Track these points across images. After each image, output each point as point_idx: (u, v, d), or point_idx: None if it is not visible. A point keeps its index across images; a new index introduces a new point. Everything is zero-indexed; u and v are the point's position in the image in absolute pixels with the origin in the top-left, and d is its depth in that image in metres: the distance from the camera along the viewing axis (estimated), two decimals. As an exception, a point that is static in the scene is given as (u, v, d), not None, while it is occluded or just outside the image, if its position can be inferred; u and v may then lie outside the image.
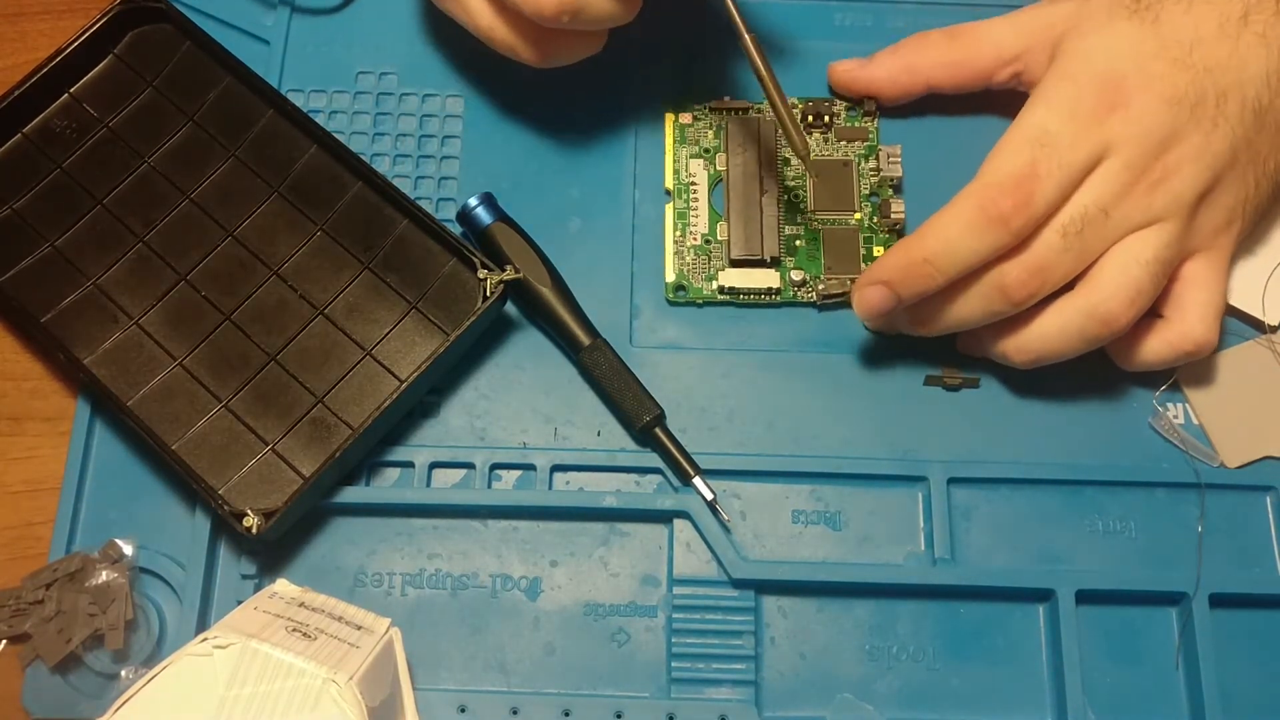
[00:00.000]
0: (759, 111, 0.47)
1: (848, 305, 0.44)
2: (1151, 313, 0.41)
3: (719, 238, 0.45)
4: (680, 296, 0.45)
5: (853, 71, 0.46)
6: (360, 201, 0.44)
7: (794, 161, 0.46)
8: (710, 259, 0.45)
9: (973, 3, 0.47)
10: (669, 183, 0.46)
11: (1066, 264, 0.39)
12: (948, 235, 0.39)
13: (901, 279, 0.40)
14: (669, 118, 0.47)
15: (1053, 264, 0.38)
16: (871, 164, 0.46)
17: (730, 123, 0.46)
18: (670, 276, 0.45)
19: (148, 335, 0.43)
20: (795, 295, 0.45)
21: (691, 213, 0.45)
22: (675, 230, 0.45)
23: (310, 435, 0.42)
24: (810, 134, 0.46)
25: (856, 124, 0.47)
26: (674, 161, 0.46)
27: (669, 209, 0.46)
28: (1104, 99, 0.39)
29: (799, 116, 0.47)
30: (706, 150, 0.46)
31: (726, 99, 0.47)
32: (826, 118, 0.47)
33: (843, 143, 0.46)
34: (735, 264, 0.45)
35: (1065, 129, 0.39)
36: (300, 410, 0.42)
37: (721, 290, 0.44)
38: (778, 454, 0.43)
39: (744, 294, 0.44)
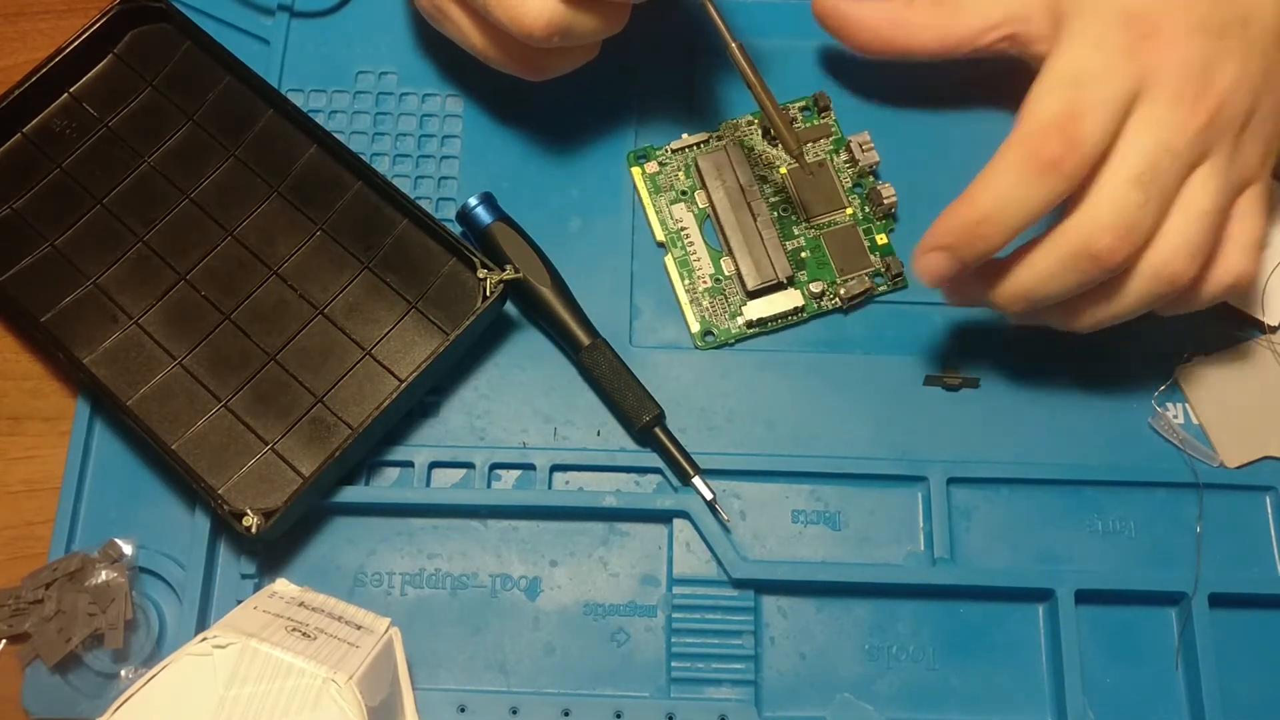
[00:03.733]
0: (719, 139, 0.47)
1: (872, 301, 0.44)
2: None
3: (726, 273, 0.45)
4: (710, 342, 0.44)
5: (839, 4, 0.45)
6: (360, 201, 0.44)
7: (772, 177, 0.46)
8: (727, 296, 0.45)
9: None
10: (659, 235, 0.45)
11: (1151, 216, 0.37)
12: (999, 191, 0.37)
13: (959, 242, 0.38)
14: (635, 171, 0.46)
15: (1139, 221, 0.37)
16: (844, 157, 0.46)
17: (699, 157, 0.46)
18: (695, 326, 0.44)
19: (148, 335, 0.43)
20: (820, 307, 0.45)
21: (692, 257, 0.45)
22: (683, 279, 0.45)
23: (310, 435, 0.42)
24: (775, 146, 0.46)
25: (814, 123, 0.47)
26: (657, 213, 0.46)
27: (668, 260, 0.45)
28: (1132, 30, 0.37)
29: (760, 130, 0.47)
30: (684, 193, 0.46)
31: (684, 136, 0.47)
32: None
33: (808, 144, 0.46)
34: (753, 294, 0.44)
35: (1097, 64, 0.37)
36: (300, 410, 0.42)
37: (750, 324, 0.44)
38: (778, 454, 0.43)
39: (772, 321, 0.44)
